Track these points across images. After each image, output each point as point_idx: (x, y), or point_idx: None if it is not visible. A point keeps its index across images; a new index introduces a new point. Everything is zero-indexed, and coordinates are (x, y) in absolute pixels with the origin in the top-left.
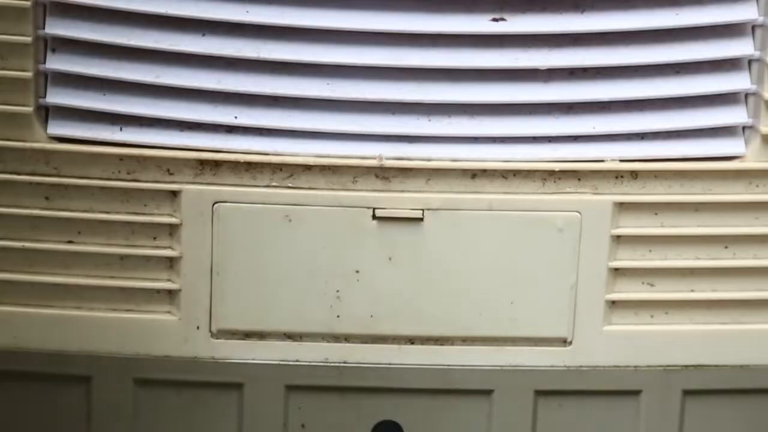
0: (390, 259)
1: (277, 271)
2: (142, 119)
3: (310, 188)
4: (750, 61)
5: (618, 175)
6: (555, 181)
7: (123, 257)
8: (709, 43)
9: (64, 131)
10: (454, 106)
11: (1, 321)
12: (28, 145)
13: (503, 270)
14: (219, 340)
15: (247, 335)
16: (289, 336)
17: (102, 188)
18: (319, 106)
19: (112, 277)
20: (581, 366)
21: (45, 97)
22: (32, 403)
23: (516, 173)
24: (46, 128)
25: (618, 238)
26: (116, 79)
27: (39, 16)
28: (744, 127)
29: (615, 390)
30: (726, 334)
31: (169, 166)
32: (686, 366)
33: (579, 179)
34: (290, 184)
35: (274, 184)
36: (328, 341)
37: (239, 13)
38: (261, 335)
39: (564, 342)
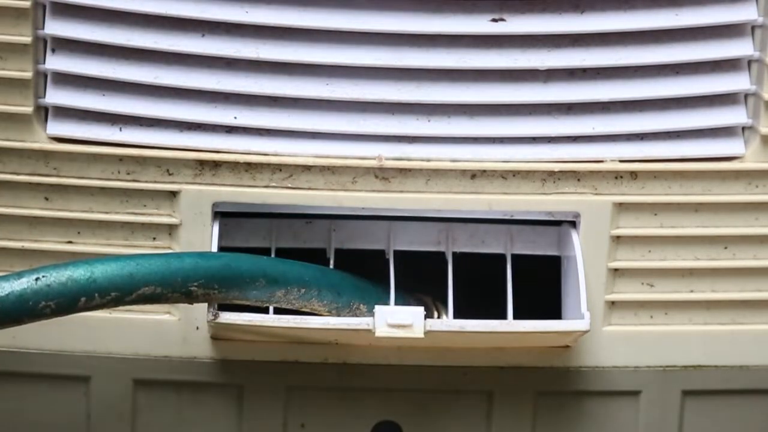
0: None
1: None
2: (141, 119)
3: (309, 188)
4: (750, 62)
5: (617, 176)
6: (554, 182)
7: None
8: (709, 44)
9: (64, 131)
10: (454, 106)
11: None
12: (27, 145)
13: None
14: (219, 341)
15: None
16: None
17: (102, 188)
18: (319, 106)
19: None
20: (581, 366)
21: (44, 97)
22: (31, 403)
23: (515, 173)
24: (45, 128)
25: (617, 239)
26: (116, 80)
27: (39, 16)
28: (743, 128)
29: (615, 390)
30: (725, 335)
31: (168, 167)
32: (685, 366)
33: (578, 179)
34: (290, 185)
35: (273, 184)
36: (329, 341)
37: (238, 13)
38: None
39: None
